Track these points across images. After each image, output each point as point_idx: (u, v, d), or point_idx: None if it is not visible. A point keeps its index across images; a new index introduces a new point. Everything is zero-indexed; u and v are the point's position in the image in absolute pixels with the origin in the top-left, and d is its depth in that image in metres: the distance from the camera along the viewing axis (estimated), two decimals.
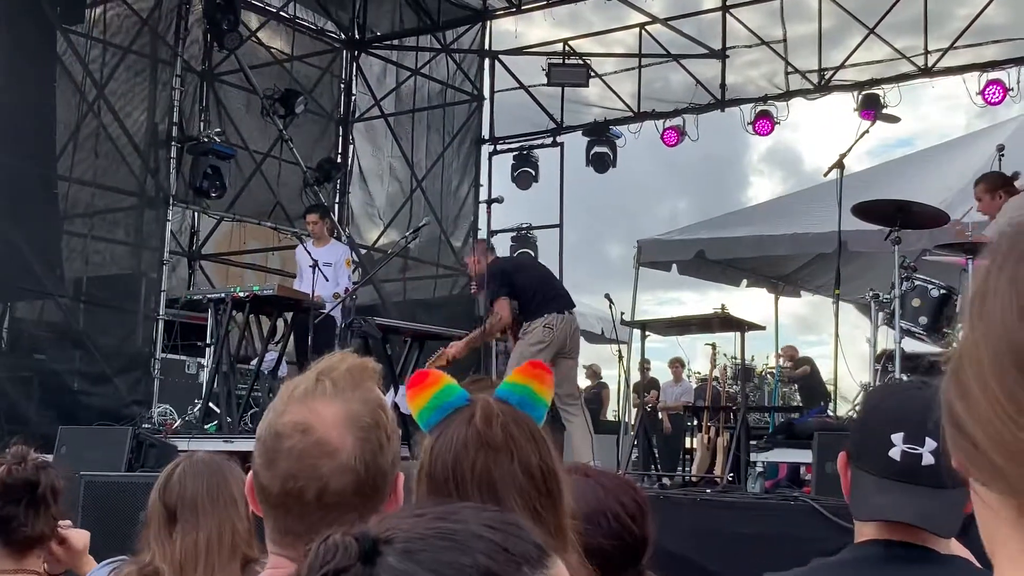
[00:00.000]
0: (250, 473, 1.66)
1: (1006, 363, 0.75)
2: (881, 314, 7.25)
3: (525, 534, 0.93)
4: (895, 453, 1.83)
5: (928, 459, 1.82)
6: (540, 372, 1.79)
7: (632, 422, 10.29)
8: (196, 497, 2.58)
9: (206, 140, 11.87)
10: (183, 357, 11.59)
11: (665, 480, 8.85)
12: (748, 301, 15.45)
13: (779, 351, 14.28)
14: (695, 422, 11.13)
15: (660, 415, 14.71)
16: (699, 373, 16.07)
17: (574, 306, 8.34)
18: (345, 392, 1.61)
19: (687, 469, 11.19)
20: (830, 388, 15.15)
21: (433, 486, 1.67)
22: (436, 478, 1.67)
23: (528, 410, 1.79)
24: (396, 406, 8.35)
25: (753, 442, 7.27)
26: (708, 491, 6.80)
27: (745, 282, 14.25)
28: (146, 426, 9.32)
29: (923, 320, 7.00)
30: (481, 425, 1.70)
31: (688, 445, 12.35)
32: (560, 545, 1.69)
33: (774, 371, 15.22)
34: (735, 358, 10.64)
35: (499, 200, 8.54)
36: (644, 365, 13.24)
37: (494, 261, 8.50)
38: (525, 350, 7.84)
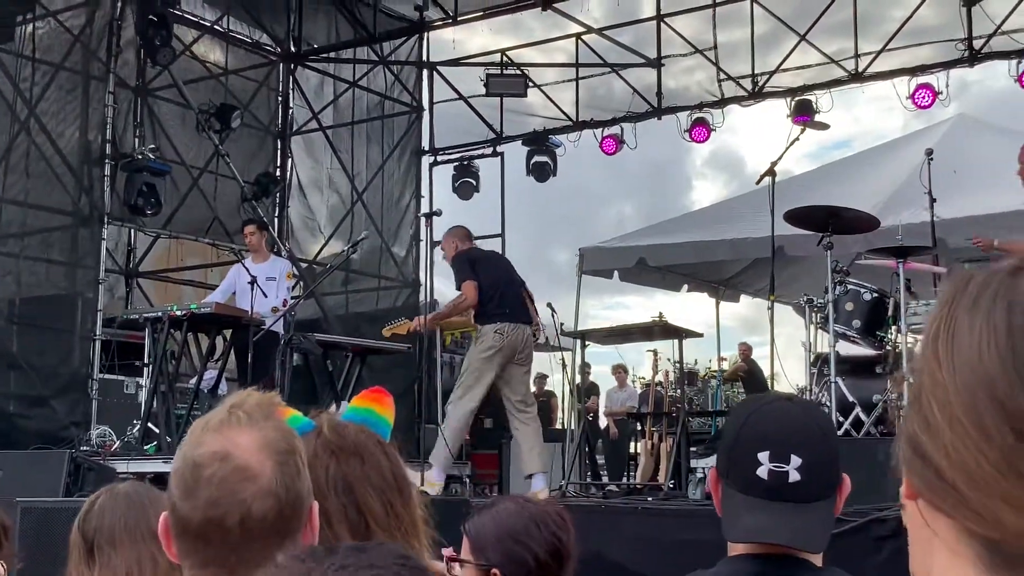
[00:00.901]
0: (163, 514, 1.65)
1: (980, 398, 0.80)
2: (816, 317, 7.34)
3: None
4: (762, 471, 1.85)
5: (795, 476, 1.84)
6: (380, 396, 1.94)
7: (575, 429, 10.34)
8: (114, 530, 2.55)
9: (140, 157, 11.73)
10: (121, 377, 11.44)
11: (611, 488, 8.90)
12: (691, 305, 15.61)
13: (720, 356, 14.41)
14: (639, 428, 11.20)
15: (606, 421, 14.78)
16: (643, 379, 16.18)
17: (529, 322, 8.37)
18: (259, 421, 1.64)
19: (632, 476, 11.26)
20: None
21: None
22: None
23: (375, 429, 1.92)
24: (330, 414, 8.37)
25: (694, 448, 7.33)
26: (649, 499, 6.84)
27: (686, 287, 14.37)
28: (84, 448, 9.19)
29: (856, 323, 7.10)
30: (330, 434, 1.85)
31: (633, 451, 12.43)
32: (416, 539, 1.86)
33: (716, 375, 15.37)
34: (677, 362, 10.74)
35: (437, 213, 8.54)
36: (584, 370, 13.34)
37: (469, 249, 8.51)
38: (475, 355, 7.91)
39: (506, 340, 8.01)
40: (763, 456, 1.86)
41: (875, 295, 7.11)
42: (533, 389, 16.72)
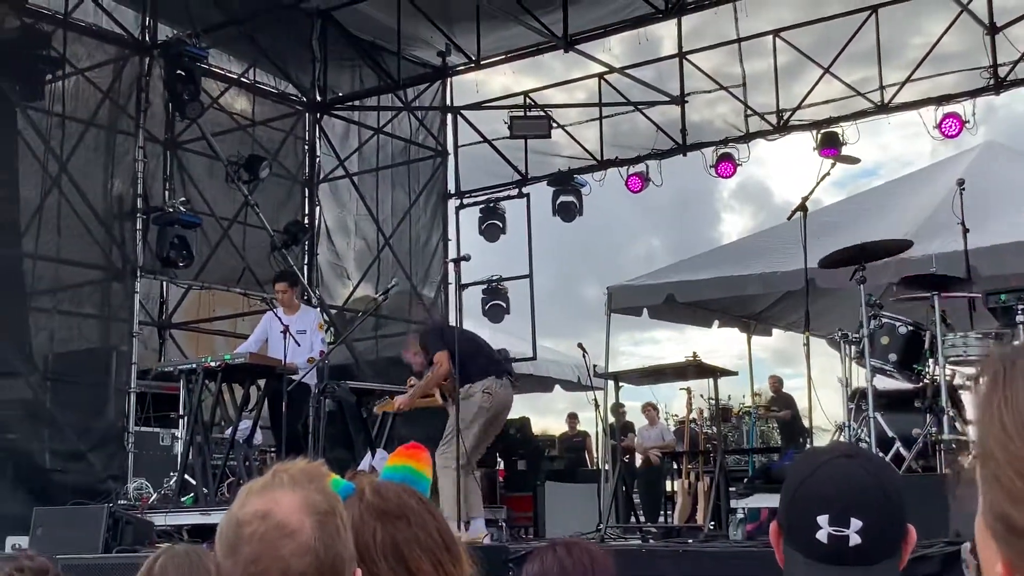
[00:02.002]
0: None
1: None
2: (851, 351, 7.28)
3: None
4: (822, 535, 1.81)
5: (855, 539, 1.80)
6: (416, 452, 1.92)
7: (610, 471, 10.28)
8: None
9: (171, 210, 11.84)
10: (157, 429, 11.48)
11: (649, 528, 8.83)
12: (722, 340, 15.52)
13: (754, 391, 14.31)
14: (676, 467, 11.13)
15: (638, 457, 14.68)
16: (676, 416, 16.10)
17: (512, 373, 8.31)
18: (302, 483, 1.67)
19: (670, 515, 11.17)
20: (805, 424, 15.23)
21: None
22: None
23: (412, 487, 1.92)
24: (373, 469, 8.32)
25: (733, 487, 7.26)
26: (690, 541, 6.78)
27: (717, 323, 14.30)
28: (122, 502, 9.22)
29: (892, 357, 7.03)
30: (373, 498, 1.85)
31: (669, 490, 12.33)
32: None
33: (751, 410, 15.25)
34: (711, 399, 10.68)
35: (466, 258, 8.56)
36: (618, 409, 13.27)
37: (423, 329, 8.48)
38: (463, 416, 7.75)
39: (494, 400, 7.91)
40: (822, 520, 1.82)
41: (910, 328, 7.05)
42: (565, 429, 16.73)
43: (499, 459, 12.84)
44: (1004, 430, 0.90)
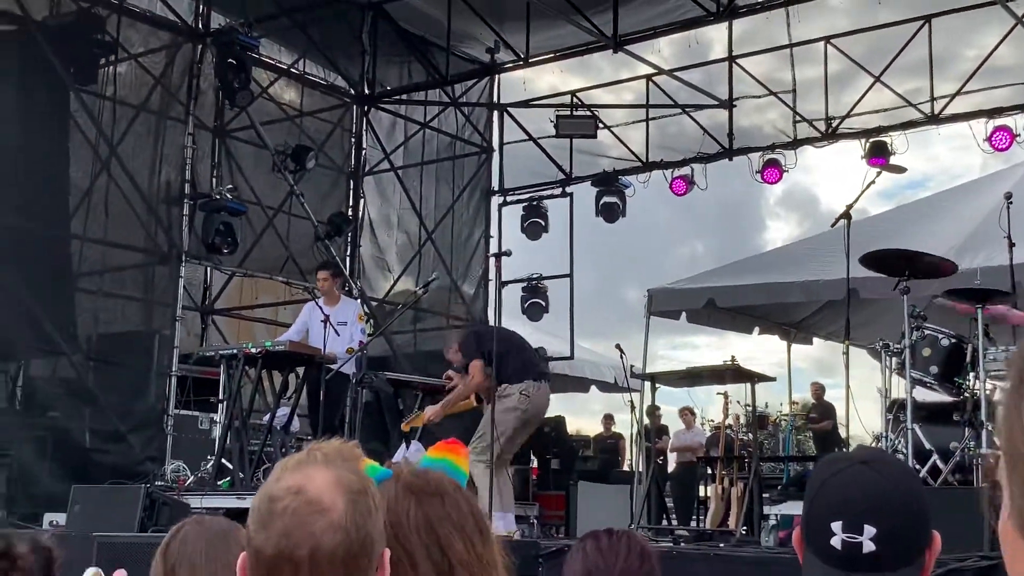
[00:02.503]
0: (242, 555, 1.69)
1: None
2: (892, 362, 7.24)
3: None
4: (836, 542, 1.81)
5: (869, 546, 1.80)
6: (455, 447, 1.95)
7: (643, 472, 10.26)
8: (195, 560, 2.59)
9: (218, 197, 11.96)
10: (196, 413, 11.61)
11: (681, 532, 8.81)
12: (762, 347, 15.44)
13: (792, 399, 14.23)
14: (709, 471, 11.09)
15: (671, 459, 14.65)
16: (712, 421, 16.04)
17: (548, 375, 8.31)
18: (336, 462, 1.69)
19: (702, 519, 11.13)
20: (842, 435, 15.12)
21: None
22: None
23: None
24: (407, 461, 8.36)
25: (766, 494, 7.24)
26: (721, 545, 6.77)
27: (757, 329, 14.24)
28: (159, 483, 9.32)
29: (934, 369, 6.99)
30: (409, 477, 1.87)
31: (703, 494, 12.30)
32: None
33: (788, 418, 15.17)
34: (748, 405, 10.63)
35: (507, 253, 8.53)
36: (654, 412, 13.23)
37: (464, 332, 8.49)
38: (498, 415, 7.75)
39: (531, 402, 7.89)
40: (836, 526, 1.83)
41: (953, 341, 7.00)
42: (600, 430, 16.72)
43: (532, 457, 12.86)
44: None
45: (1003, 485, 0.95)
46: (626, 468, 15.37)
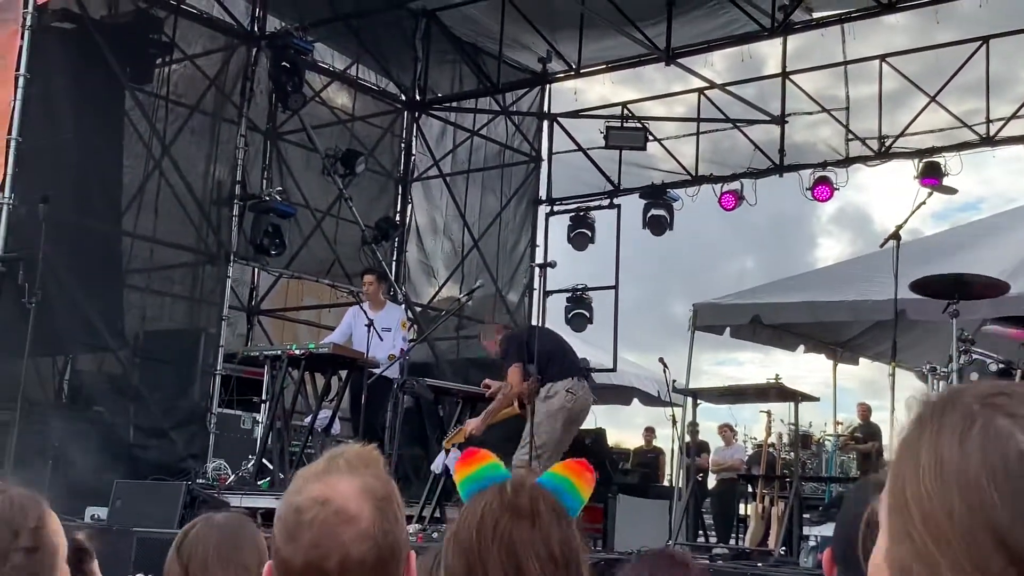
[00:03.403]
0: (267, 564, 1.70)
1: (978, 532, 0.82)
2: (940, 386, 7.15)
3: None
4: None
5: None
6: (583, 470, 1.86)
7: (683, 488, 10.19)
8: (207, 558, 2.60)
9: (268, 199, 12.05)
10: (239, 412, 11.69)
11: (720, 550, 8.73)
12: (807, 366, 15.31)
13: (836, 419, 14.08)
14: (750, 489, 11.00)
15: (711, 476, 14.54)
16: (755, 439, 15.90)
17: (590, 378, 8.28)
18: (359, 468, 1.68)
19: (741, 538, 11.05)
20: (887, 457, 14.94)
21: (458, 548, 1.75)
22: (461, 540, 1.75)
23: (563, 499, 1.85)
24: (447, 468, 8.36)
25: (807, 515, 7.17)
26: (759, 564, 6.70)
27: (802, 347, 14.11)
28: (200, 481, 9.39)
29: None
30: (510, 493, 1.79)
31: (742, 512, 12.20)
32: None
33: (831, 438, 15.01)
34: (791, 424, 10.53)
35: (552, 265, 8.53)
36: (693, 428, 13.13)
37: (508, 332, 8.48)
38: (546, 417, 7.73)
39: (577, 401, 7.88)
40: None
41: (1001, 366, 6.89)
42: (641, 443, 16.63)
43: None
44: (922, 485, 0.86)
45: (881, 526, 0.94)
46: (665, 483, 15.28)
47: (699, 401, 8.10)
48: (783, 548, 7.07)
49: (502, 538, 1.73)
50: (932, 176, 12.02)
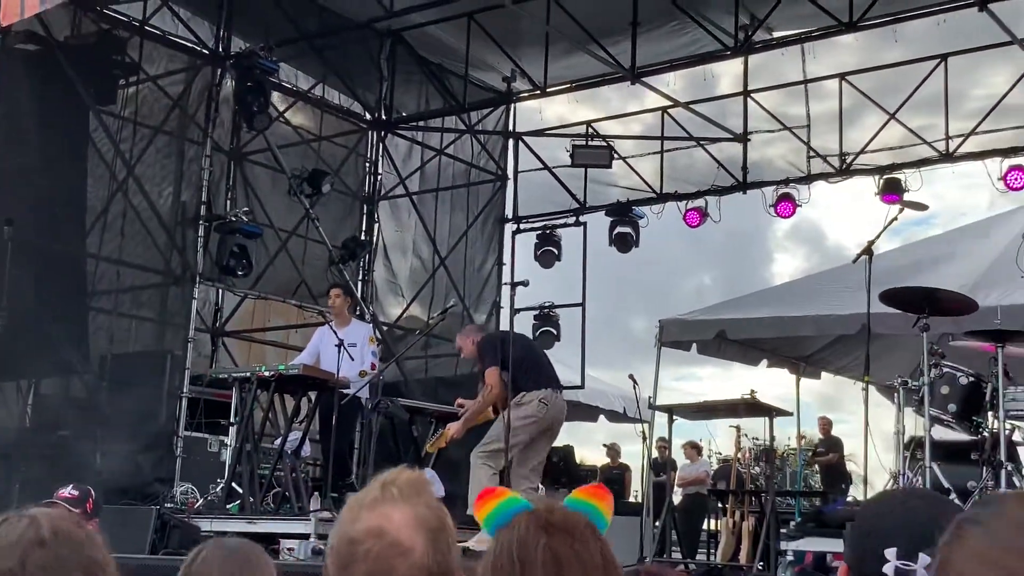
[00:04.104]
0: None
1: None
2: (910, 399, 7.23)
3: None
4: (888, 569, 1.82)
5: (922, 574, 1.81)
6: (604, 494, 1.90)
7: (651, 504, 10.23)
8: None
9: (233, 219, 11.99)
10: (206, 435, 11.58)
11: (691, 565, 8.78)
12: (767, 380, 15.41)
13: (800, 433, 14.19)
14: (720, 505, 11.06)
15: (677, 492, 14.61)
16: (720, 453, 16.00)
17: (562, 389, 8.35)
18: (411, 498, 1.69)
19: (710, 553, 11.10)
20: (850, 469, 15.09)
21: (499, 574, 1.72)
22: (501, 566, 1.72)
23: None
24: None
25: (782, 529, 7.22)
26: None
27: (765, 362, 14.22)
28: (168, 505, 9.29)
29: (952, 408, 6.97)
30: (543, 513, 1.80)
31: (711, 527, 12.26)
32: None
33: (796, 452, 15.15)
34: (756, 439, 10.63)
35: (524, 283, 8.56)
36: (662, 445, 13.19)
37: (484, 336, 8.52)
38: (515, 421, 7.76)
39: (549, 411, 7.92)
40: (890, 553, 1.84)
41: (971, 379, 6.99)
42: (607, 460, 16.66)
43: (541, 486, 12.81)
44: None
45: None
46: (631, 500, 15.32)
47: (675, 418, 8.14)
48: (760, 563, 7.11)
49: (545, 556, 1.74)
50: (893, 192, 12.18)
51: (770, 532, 7.06)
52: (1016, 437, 6.94)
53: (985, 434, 6.86)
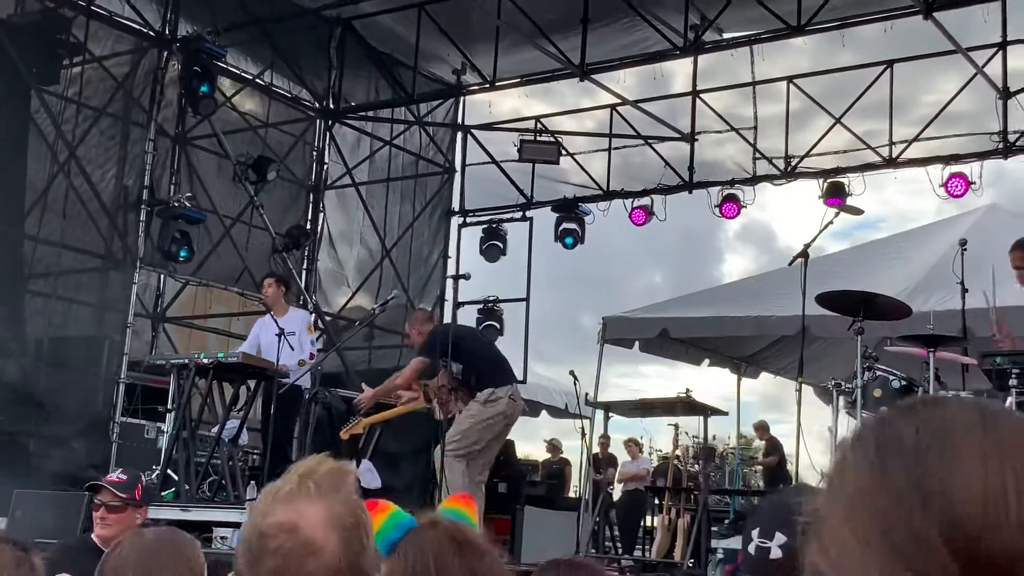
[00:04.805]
0: None
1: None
2: (842, 401, 7.32)
3: None
4: (751, 547, 1.90)
5: (776, 552, 1.87)
6: (468, 500, 2.00)
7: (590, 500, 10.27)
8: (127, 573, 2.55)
9: (176, 204, 11.85)
10: (143, 421, 11.46)
11: (626, 561, 8.83)
12: (711, 379, 15.53)
13: (740, 432, 14.32)
14: (657, 501, 11.13)
15: (617, 488, 14.69)
16: (660, 451, 16.09)
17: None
18: (328, 493, 1.67)
19: (646, 549, 11.16)
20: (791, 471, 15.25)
21: None
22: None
23: None
24: (357, 480, 8.34)
25: (714, 527, 7.27)
26: None
27: (707, 362, 14.34)
28: None
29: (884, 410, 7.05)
30: (453, 529, 1.84)
31: (648, 524, 12.33)
32: None
33: (735, 451, 15.27)
34: (696, 437, 10.69)
35: (466, 276, 8.59)
36: (603, 441, 13.25)
37: (439, 326, 8.53)
38: (486, 418, 7.78)
39: (515, 408, 7.98)
40: (754, 532, 1.92)
41: (904, 383, 7.09)
42: (548, 456, 16.72)
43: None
44: None
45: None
46: (572, 494, 15.37)
47: (611, 414, 8.17)
48: (691, 560, 7.17)
49: (463, 572, 1.77)
50: (836, 196, 12.30)
51: (702, 530, 7.12)
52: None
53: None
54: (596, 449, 12.11)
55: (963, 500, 0.88)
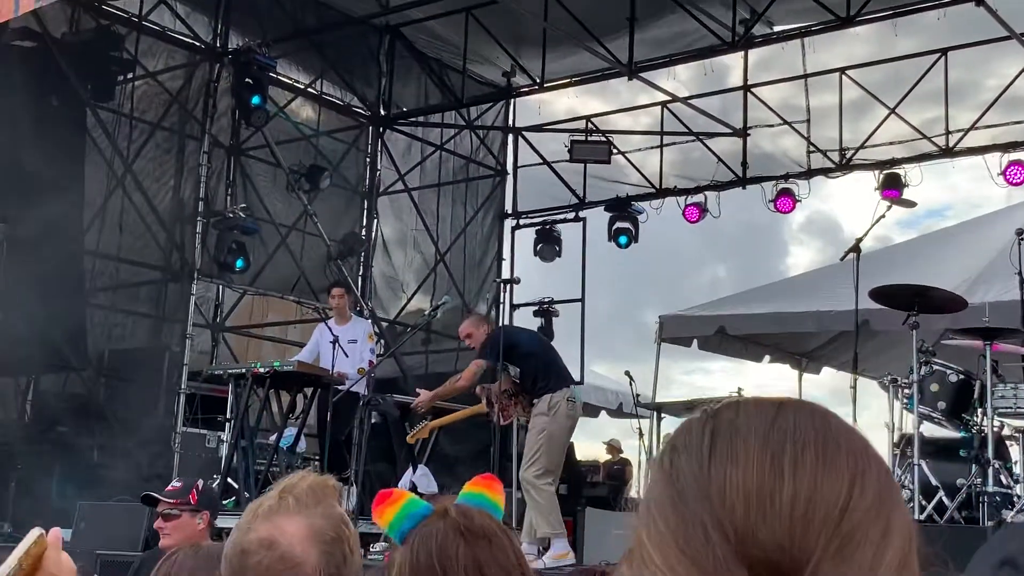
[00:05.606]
0: None
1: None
2: (900, 396, 7.21)
3: None
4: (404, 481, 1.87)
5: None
6: (491, 482, 1.95)
7: None
8: None
9: (232, 216, 12.00)
10: (203, 431, 11.60)
11: None
12: (774, 375, 15.33)
13: None
14: None
15: None
16: None
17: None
18: (308, 508, 1.67)
19: None
20: None
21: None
22: (420, 569, 1.75)
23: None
24: (414, 486, 8.33)
25: None
26: None
27: (768, 358, 14.18)
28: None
29: (942, 405, 6.95)
30: (458, 517, 1.83)
31: None
32: None
33: None
34: None
35: (516, 281, 8.59)
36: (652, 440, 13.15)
37: (497, 328, 8.46)
38: (557, 429, 7.69)
39: (578, 410, 7.94)
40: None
41: (961, 377, 6.96)
42: (608, 456, 16.66)
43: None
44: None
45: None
46: (633, 495, 15.29)
47: (663, 416, 8.12)
48: None
49: (467, 562, 1.77)
50: (893, 188, 12.12)
51: None
52: (1005, 433, 6.92)
53: (974, 431, 6.83)
54: (655, 451, 12.05)
55: (735, 495, 0.95)
